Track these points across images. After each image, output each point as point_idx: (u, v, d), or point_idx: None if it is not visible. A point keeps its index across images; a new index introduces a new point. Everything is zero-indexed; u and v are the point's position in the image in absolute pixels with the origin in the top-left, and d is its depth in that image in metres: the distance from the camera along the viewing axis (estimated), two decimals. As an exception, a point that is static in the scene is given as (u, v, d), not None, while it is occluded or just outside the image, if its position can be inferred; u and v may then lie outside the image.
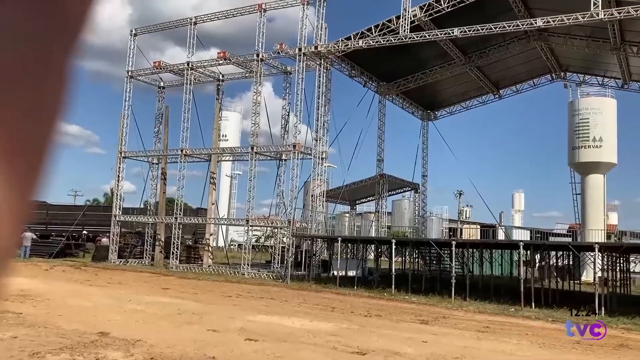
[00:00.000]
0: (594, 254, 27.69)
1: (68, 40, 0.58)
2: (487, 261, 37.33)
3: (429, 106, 48.94)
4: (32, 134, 0.55)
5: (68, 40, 0.58)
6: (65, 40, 0.58)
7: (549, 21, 30.00)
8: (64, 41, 0.58)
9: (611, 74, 41.95)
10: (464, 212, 72.33)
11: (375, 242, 37.40)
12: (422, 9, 33.36)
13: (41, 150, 0.56)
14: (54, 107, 0.57)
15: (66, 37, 0.58)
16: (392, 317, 20.94)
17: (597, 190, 46.32)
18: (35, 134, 0.55)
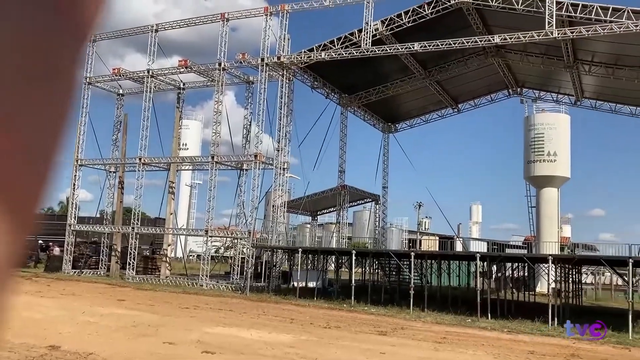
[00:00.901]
0: (547, 266, 28.41)
1: (75, 47, 0.57)
2: (445, 272, 37.83)
3: (390, 119, 49.51)
4: (36, 140, 0.55)
5: (75, 46, 0.57)
6: (73, 46, 0.57)
7: (506, 38, 30.85)
8: (71, 47, 0.57)
9: (565, 90, 43.34)
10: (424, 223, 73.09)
11: (336, 253, 37.47)
12: (384, 23, 33.84)
13: (45, 159, 0.56)
14: (60, 116, 0.57)
15: (73, 43, 0.57)
16: (351, 328, 20.96)
17: (552, 204, 47.65)
18: (39, 140, 0.55)
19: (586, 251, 45.80)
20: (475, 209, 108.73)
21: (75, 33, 0.58)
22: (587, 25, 28.30)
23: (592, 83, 39.67)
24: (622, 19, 27.25)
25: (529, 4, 29.67)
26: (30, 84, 0.53)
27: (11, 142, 0.52)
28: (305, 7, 35.98)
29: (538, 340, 20.68)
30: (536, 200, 48.37)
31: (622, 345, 20.27)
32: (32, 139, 0.54)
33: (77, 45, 0.58)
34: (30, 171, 0.55)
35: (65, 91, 0.57)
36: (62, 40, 0.56)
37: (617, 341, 21.12)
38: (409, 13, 33.13)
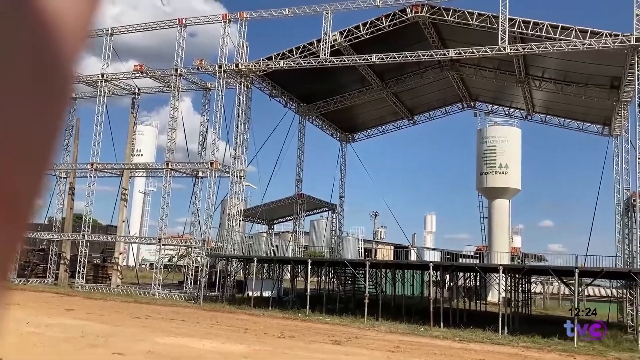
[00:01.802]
0: (498, 276, 29.05)
1: (68, 54, 0.57)
2: (399, 281, 38.21)
3: (347, 129, 49.88)
4: (31, 143, 0.54)
5: (69, 53, 0.57)
6: (66, 53, 0.57)
7: (461, 52, 31.59)
8: (65, 54, 0.57)
9: (516, 105, 44.61)
10: (379, 232, 73.84)
11: (292, 262, 37.35)
12: (342, 34, 34.15)
13: (37, 164, 0.55)
14: (53, 124, 0.56)
15: (66, 51, 0.57)
16: (305, 338, 20.90)
17: (503, 214, 48.89)
18: (34, 143, 0.55)
19: (535, 261, 47.06)
20: (429, 219, 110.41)
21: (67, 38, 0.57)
22: (537, 42, 29.27)
23: (542, 98, 40.97)
24: (571, 37, 28.30)
25: (483, 20, 30.49)
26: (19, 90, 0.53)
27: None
28: (265, 16, 35.98)
29: (488, 348, 21.09)
30: (488, 211, 49.52)
31: (568, 353, 20.89)
32: (24, 146, 0.54)
33: (70, 52, 0.58)
34: (22, 182, 0.54)
35: (58, 100, 0.57)
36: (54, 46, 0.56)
37: (563, 349, 21.76)
38: (367, 25, 33.55)
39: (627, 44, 26.89)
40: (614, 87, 33.60)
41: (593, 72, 33.40)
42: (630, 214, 29.99)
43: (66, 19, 0.56)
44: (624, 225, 33.53)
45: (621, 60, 29.07)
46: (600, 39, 27.55)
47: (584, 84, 35.39)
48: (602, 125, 40.45)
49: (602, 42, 27.46)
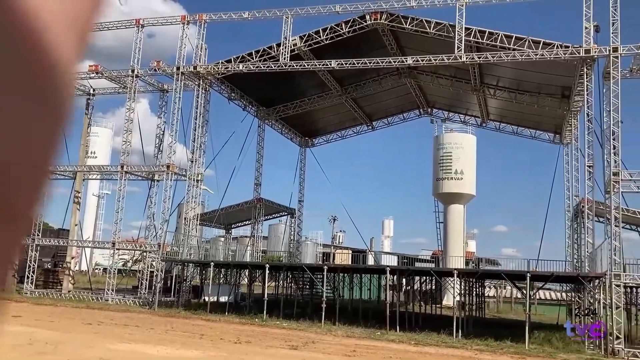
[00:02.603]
0: (453, 280, 29.59)
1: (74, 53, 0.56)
2: (357, 285, 38.42)
3: (307, 133, 49.94)
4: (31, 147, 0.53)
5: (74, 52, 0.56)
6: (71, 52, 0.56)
7: (418, 60, 32.10)
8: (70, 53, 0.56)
9: (472, 112, 45.57)
10: (338, 237, 74.10)
11: (249, 267, 37.10)
12: (302, 38, 34.22)
13: (35, 168, 0.54)
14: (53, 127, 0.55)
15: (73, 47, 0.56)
16: (262, 343, 20.78)
17: (458, 219, 49.83)
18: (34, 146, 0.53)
19: (489, 265, 48.16)
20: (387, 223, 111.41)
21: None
22: (492, 52, 30.00)
23: (497, 106, 41.99)
24: (524, 48, 29.13)
25: (440, 29, 31.07)
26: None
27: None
28: (224, 18, 35.73)
29: (443, 352, 21.42)
30: (444, 216, 50.38)
31: (519, 355, 21.41)
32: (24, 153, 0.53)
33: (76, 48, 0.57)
34: (19, 187, 0.53)
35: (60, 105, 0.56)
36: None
37: (515, 351, 22.30)
38: (327, 31, 33.72)
39: (577, 55, 27.84)
40: (564, 97, 34.72)
41: (545, 81, 34.44)
42: (579, 219, 31.00)
43: (67, 16, 0.56)
44: (573, 231, 34.64)
45: (571, 70, 30.08)
46: (552, 50, 28.44)
47: (537, 93, 36.44)
48: (554, 134, 41.73)
49: (554, 53, 28.36)
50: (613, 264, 24.93)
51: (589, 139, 28.11)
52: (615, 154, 25.96)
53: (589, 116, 28.18)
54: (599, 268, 26.80)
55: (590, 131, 28.02)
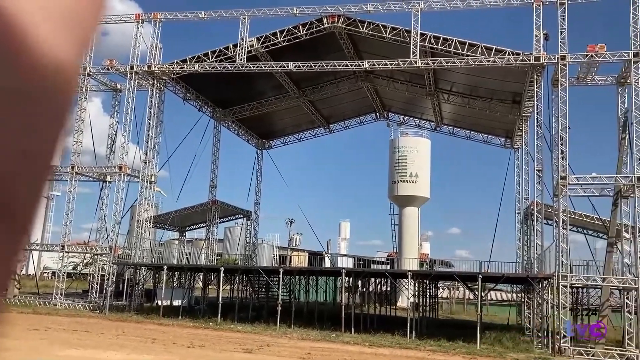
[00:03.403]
0: (407, 281, 29.96)
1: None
2: (312, 288, 38.43)
3: (264, 135, 49.68)
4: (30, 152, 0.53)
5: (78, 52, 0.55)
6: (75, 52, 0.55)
7: (375, 64, 32.42)
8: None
9: (427, 116, 46.30)
10: (294, 239, 73.97)
11: (204, 270, 36.62)
12: (259, 40, 34.05)
13: (37, 169, 0.54)
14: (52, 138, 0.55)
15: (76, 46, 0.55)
16: (216, 347, 20.52)
17: (413, 222, 50.52)
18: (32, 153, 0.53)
19: (443, 267, 48.92)
20: (344, 225, 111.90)
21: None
22: (446, 57, 30.57)
23: (451, 111, 42.79)
24: (477, 54, 29.79)
25: (396, 34, 31.45)
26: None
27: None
28: (180, 18, 35.22)
29: (397, 353, 21.64)
30: (399, 218, 50.98)
31: (471, 355, 21.83)
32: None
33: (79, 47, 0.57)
34: (19, 189, 0.52)
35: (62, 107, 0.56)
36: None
37: (466, 351, 22.73)
38: (284, 32, 33.65)
39: (527, 62, 28.66)
40: (515, 103, 35.68)
41: (497, 87, 35.31)
42: (529, 222, 31.90)
43: (72, 13, 0.55)
44: (524, 233, 35.62)
45: (522, 77, 30.95)
46: (503, 57, 29.18)
47: (489, 99, 37.33)
48: (505, 138, 42.83)
49: (505, 60, 29.11)
50: (560, 265, 25.73)
51: (538, 144, 29.00)
52: (563, 159, 26.83)
53: (538, 122, 29.07)
54: (547, 269, 27.63)
55: (540, 136, 28.91)
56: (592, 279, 27.86)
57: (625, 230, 27.50)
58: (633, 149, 26.30)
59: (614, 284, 26.68)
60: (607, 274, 27.00)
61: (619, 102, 29.71)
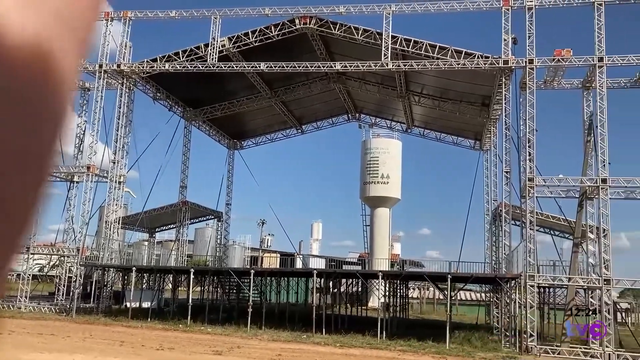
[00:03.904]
0: (378, 282, 30.11)
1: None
2: (284, 289, 38.36)
3: (235, 135, 49.40)
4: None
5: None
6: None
7: (346, 66, 32.55)
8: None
9: (398, 118, 46.67)
10: (266, 240, 73.67)
11: (173, 271, 36.23)
12: (231, 40, 33.85)
13: (35, 168, 0.54)
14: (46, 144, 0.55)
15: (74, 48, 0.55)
16: (185, 349, 20.32)
17: (384, 223, 50.84)
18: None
19: (413, 267, 49.36)
20: (316, 226, 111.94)
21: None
22: (417, 60, 30.86)
23: (421, 113, 43.22)
24: (447, 57, 30.15)
25: (368, 36, 31.63)
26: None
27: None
28: (150, 17, 34.79)
29: (368, 353, 21.74)
30: (370, 219, 51.26)
31: (441, 355, 22.06)
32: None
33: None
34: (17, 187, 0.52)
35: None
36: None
37: (436, 351, 22.95)
38: (256, 33, 33.53)
39: (496, 65, 29.12)
40: (484, 105, 36.21)
41: (467, 90, 35.78)
42: (497, 222, 32.39)
43: (68, 13, 0.55)
44: (492, 234, 36.16)
45: (491, 80, 31.42)
46: (473, 60, 29.60)
47: (459, 101, 37.81)
48: (474, 140, 43.43)
49: (475, 63, 29.53)
50: (528, 265, 26.19)
51: (506, 146, 29.49)
52: (530, 161, 27.32)
53: (506, 124, 29.54)
54: (515, 269, 28.09)
55: (508, 138, 29.39)
56: (558, 279, 28.45)
57: (590, 231, 28.16)
58: (598, 151, 26.93)
59: (579, 284, 27.29)
60: (573, 274, 27.60)
61: (584, 106, 30.40)
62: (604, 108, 26.91)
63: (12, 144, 0.50)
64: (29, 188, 0.54)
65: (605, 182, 25.94)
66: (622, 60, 27.54)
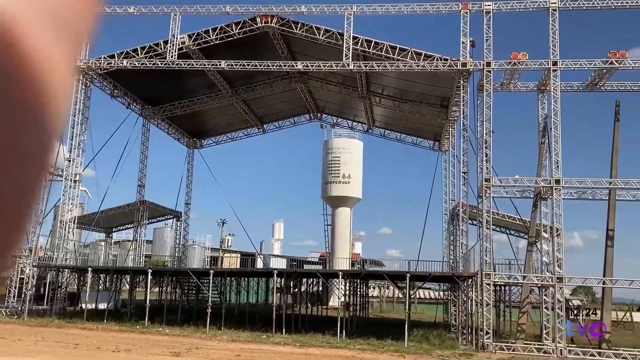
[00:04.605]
0: (339, 281, 30.24)
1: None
2: (244, 289, 38.13)
3: (195, 134, 48.80)
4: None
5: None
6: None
7: (308, 65, 32.54)
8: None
9: (359, 119, 46.98)
10: (227, 240, 73.10)
11: (131, 272, 35.56)
12: (191, 37, 33.42)
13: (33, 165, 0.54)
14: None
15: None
16: (143, 350, 19.98)
17: (345, 222, 51.12)
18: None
19: (374, 267, 49.75)
20: (277, 226, 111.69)
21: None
22: (378, 61, 31.12)
23: (382, 113, 43.61)
24: (407, 59, 30.50)
25: (330, 36, 31.71)
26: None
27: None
28: (108, 12, 33.95)
29: (327, 352, 21.80)
30: (332, 219, 51.48)
31: (399, 353, 22.31)
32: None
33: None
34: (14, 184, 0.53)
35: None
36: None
37: (395, 349, 23.19)
38: (217, 31, 33.20)
39: (454, 68, 29.61)
40: (443, 107, 36.78)
41: (426, 92, 36.27)
42: (455, 222, 32.97)
43: (63, 15, 0.55)
44: (450, 233, 36.77)
45: (450, 82, 31.94)
46: (432, 62, 30.02)
47: (418, 102, 38.28)
48: (434, 141, 44.07)
49: (434, 65, 29.96)
50: (484, 264, 26.73)
51: (464, 147, 30.03)
52: (487, 162, 27.89)
53: (464, 125, 30.09)
54: (472, 268, 28.64)
55: (466, 140, 29.95)
56: (513, 277, 29.13)
57: (544, 230, 28.94)
58: (552, 153, 27.70)
59: (533, 282, 28.02)
60: (527, 272, 28.31)
61: (539, 108, 31.21)
62: (558, 111, 27.70)
63: (6, 145, 0.50)
64: (25, 191, 0.54)
65: (559, 182, 26.69)
66: (575, 64, 28.42)
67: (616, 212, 29.02)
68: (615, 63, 27.77)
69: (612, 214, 28.94)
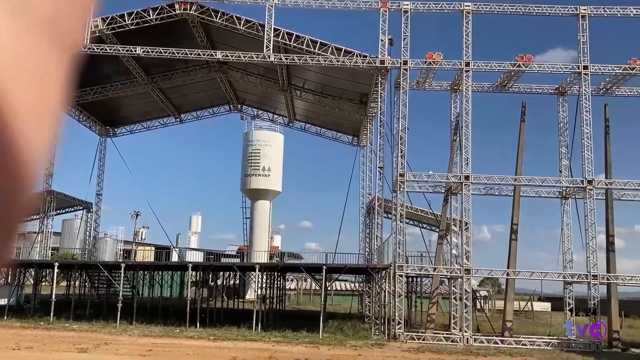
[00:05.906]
0: (255, 274, 30.14)
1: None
2: (158, 283, 37.18)
3: (108, 122, 46.80)
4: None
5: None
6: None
7: (228, 55, 32.03)
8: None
9: (280, 112, 46.88)
10: (140, 233, 70.94)
11: (35, 265, 33.73)
12: (105, 21, 32.03)
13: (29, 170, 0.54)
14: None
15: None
16: (46, 348, 19.03)
17: (264, 215, 50.95)
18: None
19: (292, 259, 50.00)
20: (195, 219, 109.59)
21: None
22: (299, 55, 31.15)
23: (303, 107, 43.74)
24: (328, 54, 30.74)
25: (250, 27, 31.37)
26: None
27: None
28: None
29: (241, 345, 21.70)
30: (251, 212, 51.16)
31: (313, 344, 22.57)
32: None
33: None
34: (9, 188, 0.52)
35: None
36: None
37: (309, 341, 23.45)
38: (133, 15, 32.00)
39: (373, 65, 30.18)
40: (362, 103, 37.43)
41: (346, 87, 36.74)
42: (371, 215, 33.71)
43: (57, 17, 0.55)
44: (366, 226, 37.57)
45: (369, 79, 32.52)
46: (352, 58, 30.44)
47: (338, 98, 38.72)
48: (352, 136, 44.77)
49: (353, 61, 30.39)
50: (397, 256, 27.53)
51: (380, 143, 30.71)
52: (402, 157, 28.69)
53: (381, 122, 30.79)
54: (386, 260, 29.42)
55: (382, 135, 30.64)
56: (424, 269, 30.20)
57: (454, 224, 30.20)
58: (462, 150, 28.91)
59: (443, 274, 29.19)
60: (438, 264, 29.44)
61: (452, 107, 32.45)
62: (469, 110, 28.91)
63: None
64: (14, 200, 0.52)
65: (468, 178, 27.90)
66: (486, 65, 29.75)
67: (520, 208, 30.79)
68: (522, 66, 29.32)
69: (516, 210, 30.66)
